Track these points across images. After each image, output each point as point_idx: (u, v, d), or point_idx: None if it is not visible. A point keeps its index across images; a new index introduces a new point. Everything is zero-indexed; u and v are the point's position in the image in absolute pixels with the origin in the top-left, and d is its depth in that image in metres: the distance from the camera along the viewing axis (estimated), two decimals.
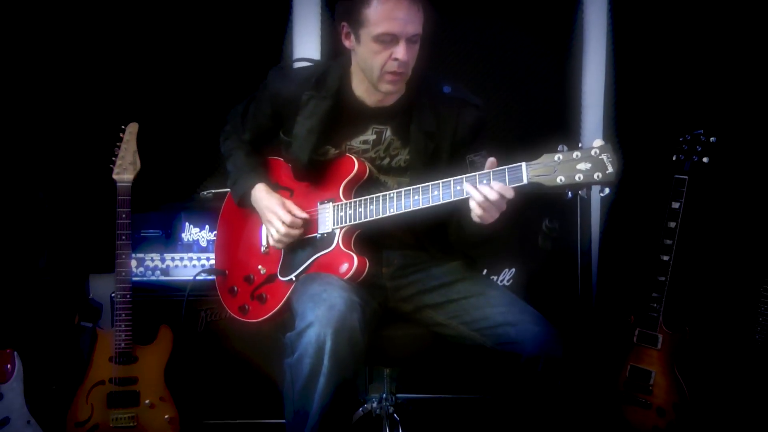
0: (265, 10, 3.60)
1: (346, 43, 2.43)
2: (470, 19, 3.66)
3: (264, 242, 2.72)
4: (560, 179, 2.09)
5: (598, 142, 2.07)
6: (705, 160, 3.08)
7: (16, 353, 2.88)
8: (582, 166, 2.07)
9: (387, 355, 2.61)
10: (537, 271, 3.33)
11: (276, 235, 2.58)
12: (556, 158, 2.11)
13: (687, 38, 3.53)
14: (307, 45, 3.64)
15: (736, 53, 3.48)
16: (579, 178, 2.07)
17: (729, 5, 3.46)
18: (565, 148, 2.11)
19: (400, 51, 2.30)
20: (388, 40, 2.29)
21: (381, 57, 2.32)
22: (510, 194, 2.17)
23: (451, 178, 2.27)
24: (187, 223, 3.30)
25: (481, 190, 2.17)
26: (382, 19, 2.28)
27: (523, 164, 2.15)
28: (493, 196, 2.16)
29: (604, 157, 2.05)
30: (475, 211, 2.20)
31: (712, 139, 3.08)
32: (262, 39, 3.60)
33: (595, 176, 2.05)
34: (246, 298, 2.69)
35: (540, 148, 2.17)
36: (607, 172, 2.04)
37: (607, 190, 2.10)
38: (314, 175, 2.60)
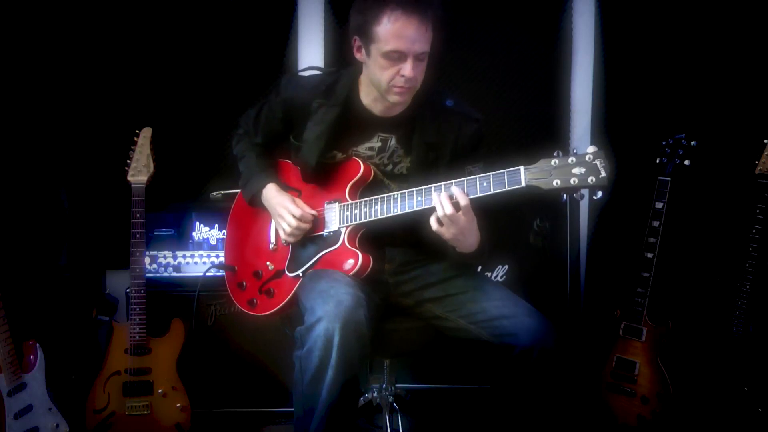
0: (269, 19, 3.62)
1: (358, 56, 2.48)
2: (458, 18, 3.66)
3: (272, 239, 2.77)
4: (556, 182, 2.14)
5: (592, 149, 2.13)
6: (686, 162, 3.13)
7: (38, 345, 2.91)
8: (577, 170, 2.13)
9: (389, 347, 2.68)
10: (528, 267, 3.39)
11: (288, 229, 2.62)
12: (552, 163, 2.16)
13: (669, 46, 3.57)
14: (310, 53, 3.67)
15: (717, 60, 3.53)
16: (574, 181, 2.13)
17: (710, 17, 3.51)
18: (561, 153, 2.17)
19: (407, 68, 2.34)
20: (396, 57, 2.34)
21: (389, 72, 2.37)
22: (464, 201, 2.26)
23: (453, 181, 2.32)
24: (197, 223, 3.35)
25: (435, 200, 2.29)
26: (392, 37, 2.32)
27: (522, 168, 2.20)
28: (449, 210, 2.26)
29: (597, 162, 2.11)
30: (440, 233, 2.32)
31: (693, 142, 3.13)
32: (266, 47, 3.63)
33: (589, 180, 2.11)
34: (254, 293, 2.74)
35: (530, 153, 2.22)
36: (600, 176, 2.10)
37: (599, 194, 2.14)
38: (321, 177, 2.66)
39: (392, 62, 2.36)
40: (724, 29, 3.52)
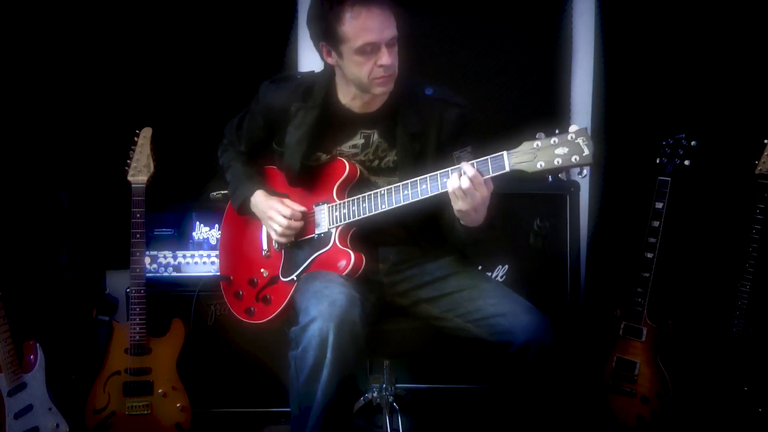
0: (269, 19, 3.62)
1: (329, 61, 2.50)
2: (457, 19, 3.66)
3: (265, 246, 2.78)
4: (540, 165, 2.14)
5: (574, 127, 2.13)
6: (686, 162, 3.13)
7: (38, 345, 2.93)
8: (560, 150, 2.12)
9: (389, 348, 2.68)
10: (528, 268, 3.38)
11: (279, 229, 2.63)
12: (535, 145, 2.15)
13: (669, 46, 3.56)
14: (310, 53, 3.43)
15: (717, 60, 3.51)
16: (558, 162, 2.12)
17: (710, 17, 3.49)
18: (543, 135, 2.16)
19: (384, 57, 2.36)
20: (370, 50, 2.36)
21: (367, 67, 2.38)
22: (471, 172, 2.21)
23: (438, 172, 2.31)
24: (197, 223, 3.37)
25: (452, 179, 2.23)
26: (359, 32, 2.33)
27: (505, 153, 2.20)
28: (465, 184, 2.20)
29: (580, 140, 2.10)
30: (453, 202, 2.26)
31: (693, 142, 3.13)
32: (266, 48, 3.63)
33: (573, 159, 2.10)
34: (251, 301, 2.75)
35: None
36: (584, 154, 2.09)
37: (585, 172, 2.13)
38: (308, 180, 2.66)
39: (367, 56, 2.38)
40: (724, 29, 3.51)
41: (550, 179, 2.20)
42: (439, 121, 2.54)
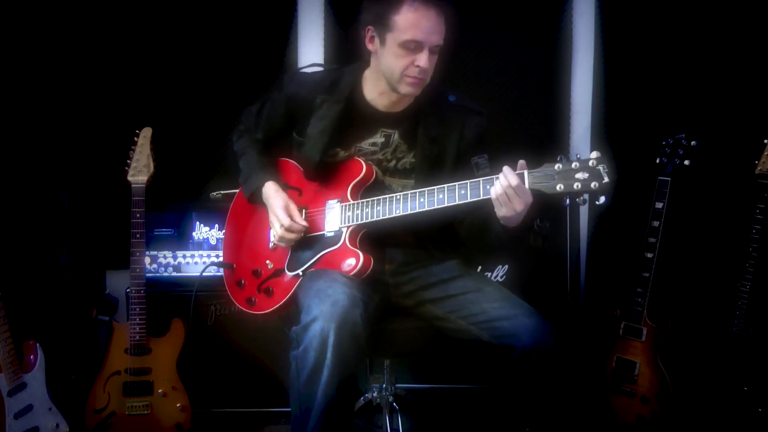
0: (270, 18, 3.62)
1: (370, 47, 2.51)
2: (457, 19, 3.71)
3: (272, 238, 2.75)
4: (559, 187, 2.18)
5: (595, 154, 2.16)
6: (686, 162, 3.14)
7: (38, 345, 2.92)
8: (580, 175, 2.15)
9: (391, 347, 2.68)
10: (529, 268, 3.38)
11: (275, 237, 2.65)
12: (555, 167, 2.19)
13: (669, 46, 3.58)
14: (310, 53, 3.66)
15: (717, 60, 3.53)
16: (577, 186, 2.15)
17: (710, 17, 3.51)
18: (563, 158, 2.19)
19: (423, 59, 2.39)
20: (413, 47, 2.38)
21: (403, 61, 2.41)
22: (515, 182, 2.19)
23: (456, 183, 2.33)
24: (197, 223, 3.36)
25: (496, 186, 2.23)
26: (410, 27, 2.36)
27: (525, 172, 2.22)
28: (514, 181, 2.20)
29: (600, 167, 2.14)
30: (497, 208, 2.26)
31: (693, 142, 3.13)
32: (266, 47, 3.63)
33: (592, 185, 2.14)
34: (253, 291, 2.73)
35: (531, 153, 2.25)
36: (603, 181, 2.13)
37: (602, 199, 2.17)
38: (323, 176, 2.67)
39: (408, 52, 2.40)
40: (724, 29, 3.52)
41: (566, 201, 2.22)
42: (461, 128, 2.59)
